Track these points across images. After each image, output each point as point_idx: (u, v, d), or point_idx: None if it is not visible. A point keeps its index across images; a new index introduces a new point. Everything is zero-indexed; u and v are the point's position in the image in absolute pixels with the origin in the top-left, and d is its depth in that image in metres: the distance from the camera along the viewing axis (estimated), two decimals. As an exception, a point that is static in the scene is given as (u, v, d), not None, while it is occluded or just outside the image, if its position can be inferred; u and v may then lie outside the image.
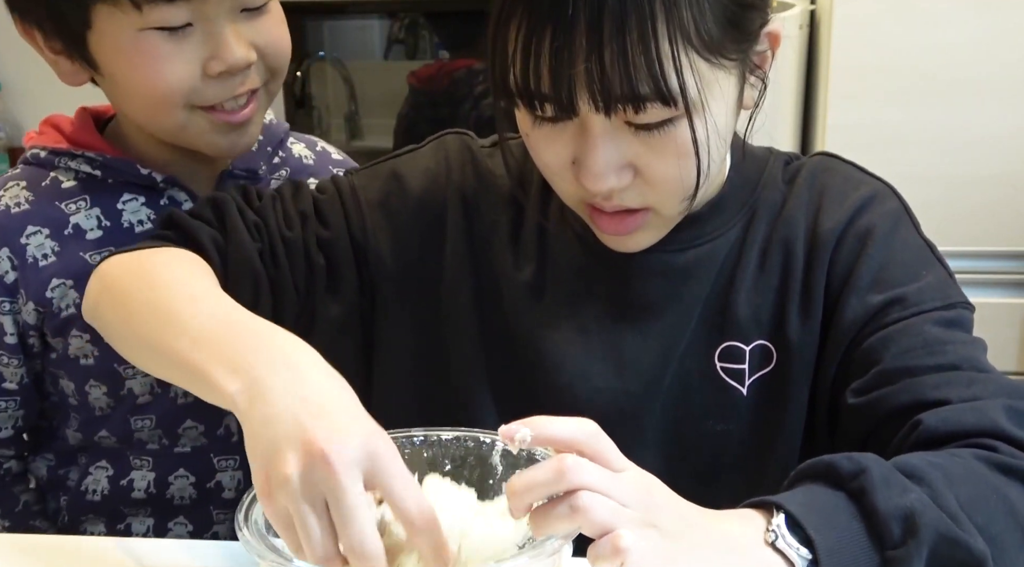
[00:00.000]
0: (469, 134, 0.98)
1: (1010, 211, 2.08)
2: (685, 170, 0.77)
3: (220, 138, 0.97)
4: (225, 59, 0.92)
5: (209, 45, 0.92)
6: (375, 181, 0.95)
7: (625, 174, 0.77)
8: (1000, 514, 0.68)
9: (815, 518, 0.64)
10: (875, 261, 0.84)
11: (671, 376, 0.87)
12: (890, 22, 2.02)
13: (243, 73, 0.94)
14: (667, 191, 0.79)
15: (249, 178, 1.06)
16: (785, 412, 0.86)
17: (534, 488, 0.59)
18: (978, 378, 0.77)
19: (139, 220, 1.01)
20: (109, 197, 1.01)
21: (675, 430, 0.88)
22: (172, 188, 1.02)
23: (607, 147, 0.76)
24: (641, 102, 0.72)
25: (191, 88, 0.93)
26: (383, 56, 2.56)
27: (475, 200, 0.93)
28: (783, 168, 0.92)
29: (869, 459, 0.67)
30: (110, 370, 1.00)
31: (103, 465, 1.04)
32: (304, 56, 2.51)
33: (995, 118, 2.03)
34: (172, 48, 0.91)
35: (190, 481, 1.05)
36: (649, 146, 0.76)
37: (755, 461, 0.87)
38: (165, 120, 0.95)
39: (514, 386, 0.90)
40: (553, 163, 0.80)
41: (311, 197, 0.93)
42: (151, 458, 1.04)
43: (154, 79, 0.92)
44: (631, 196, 0.79)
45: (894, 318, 0.81)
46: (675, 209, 0.82)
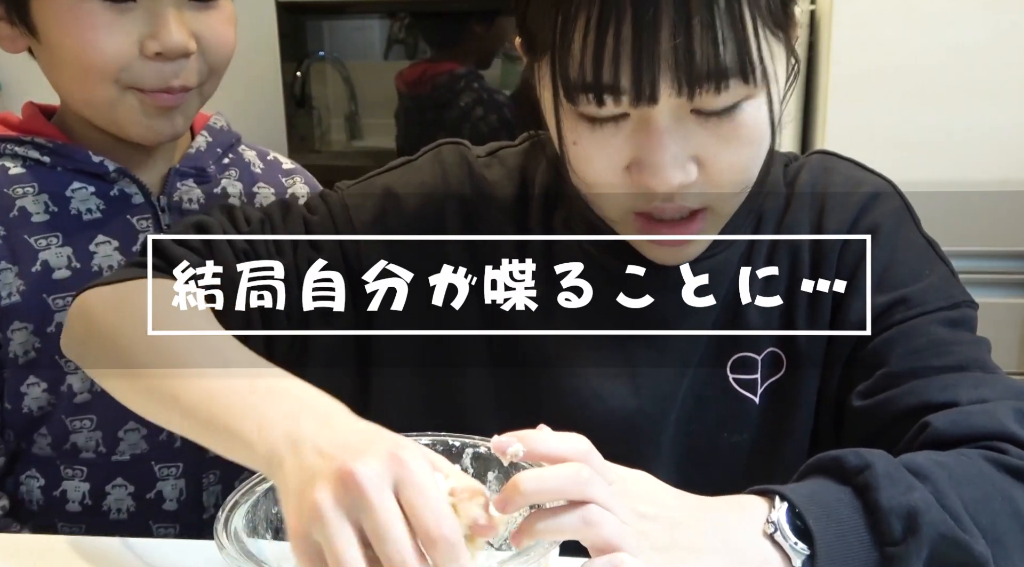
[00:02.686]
0: (464, 144, 0.94)
1: (1010, 211, 2.08)
2: (750, 158, 0.75)
3: (147, 121, 0.96)
4: (163, 40, 0.92)
5: (149, 24, 0.92)
6: (368, 200, 0.91)
7: (691, 169, 0.74)
8: (1005, 516, 0.68)
9: (817, 510, 0.64)
10: (879, 261, 0.84)
11: (685, 391, 0.86)
12: (890, 22, 2.02)
13: (179, 63, 0.94)
14: (730, 183, 0.76)
15: (198, 176, 1.05)
16: (795, 417, 0.86)
17: (545, 492, 0.58)
18: (985, 379, 0.77)
19: (87, 208, 0.99)
20: (57, 184, 0.99)
21: (689, 444, 0.87)
22: (123, 179, 1.01)
23: (674, 140, 0.72)
24: (725, 80, 0.70)
25: (125, 64, 0.92)
26: (383, 56, 2.55)
27: (475, 214, 0.90)
28: (783, 170, 0.91)
29: (876, 455, 0.67)
30: (51, 363, 0.97)
31: (33, 475, 1.00)
32: (304, 56, 2.51)
33: (995, 118, 2.03)
34: (111, 19, 0.91)
35: (128, 491, 1.00)
36: (717, 135, 0.73)
37: (766, 468, 0.87)
38: (96, 93, 0.94)
39: (524, 407, 0.88)
40: (606, 170, 0.75)
41: (302, 219, 0.90)
42: (85, 468, 0.99)
43: (89, 48, 0.91)
44: (695, 196, 0.76)
45: (899, 319, 0.81)
46: (733, 205, 0.79)
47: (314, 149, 2.54)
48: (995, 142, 2.04)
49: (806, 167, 0.90)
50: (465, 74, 2.45)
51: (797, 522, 0.64)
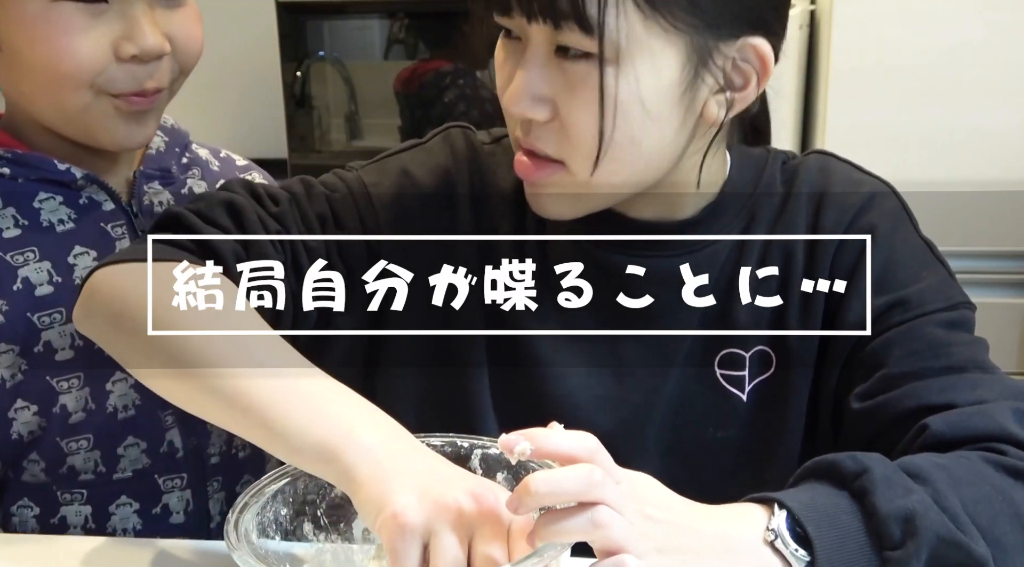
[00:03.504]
0: (470, 128, 0.96)
1: (1010, 211, 2.08)
2: (596, 120, 0.76)
3: (121, 126, 0.92)
4: (139, 43, 0.88)
5: (123, 26, 0.89)
6: (385, 177, 0.91)
7: (541, 107, 0.77)
8: (1005, 516, 0.68)
9: (816, 516, 0.64)
10: (876, 263, 0.83)
11: (671, 384, 0.87)
12: (890, 22, 2.02)
13: (153, 64, 0.91)
14: (579, 144, 0.77)
15: (163, 178, 1.02)
16: (784, 417, 0.86)
17: (559, 493, 0.59)
18: (983, 380, 0.77)
19: (59, 219, 0.94)
20: (22, 196, 0.93)
21: (675, 438, 0.87)
22: (90, 186, 0.96)
23: (532, 71, 0.76)
24: (557, 19, 0.73)
25: (100, 69, 0.88)
26: (383, 56, 2.55)
27: (481, 200, 0.92)
28: (780, 168, 0.90)
29: (873, 459, 0.68)
30: (42, 384, 0.92)
31: (26, 504, 0.94)
32: (304, 56, 2.51)
33: (995, 118, 2.03)
34: (84, 23, 0.87)
35: (134, 508, 0.97)
36: (570, 85, 0.76)
37: (755, 466, 0.87)
38: (68, 101, 0.89)
39: (516, 394, 0.89)
40: (502, 87, 0.80)
41: (324, 197, 0.89)
42: (85, 490, 0.94)
43: (62, 54, 0.87)
44: (546, 139, 0.79)
45: (897, 321, 0.81)
46: (584, 171, 0.79)
47: (314, 149, 2.54)
48: (995, 142, 2.04)
49: (803, 167, 0.90)
50: (452, 71, 2.45)
51: (797, 529, 0.64)
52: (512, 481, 0.73)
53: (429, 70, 2.48)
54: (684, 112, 0.78)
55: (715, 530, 0.65)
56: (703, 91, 0.78)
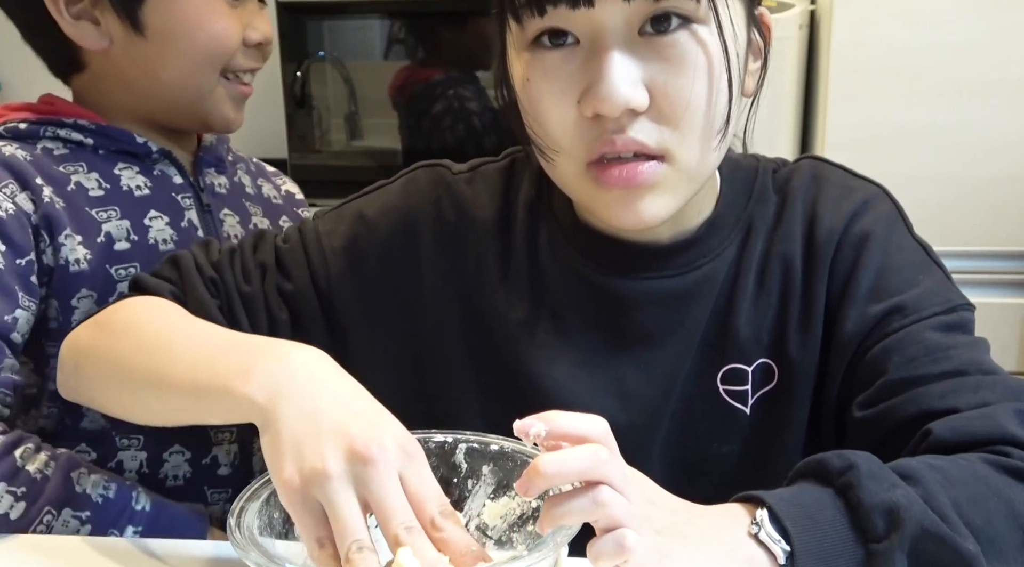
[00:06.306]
0: (443, 164, 0.94)
1: (1010, 211, 2.08)
2: (700, 91, 0.74)
3: (230, 110, 1.07)
4: (262, 30, 1.06)
5: (249, 16, 1.05)
6: (340, 225, 0.92)
7: (641, 91, 0.73)
8: (1001, 516, 0.68)
9: (795, 512, 0.65)
10: (872, 269, 0.83)
11: (674, 403, 0.86)
12: (890, 22, 2.02)
13: (264, 50, 1.07)
14: (687, 121, 0.75)
15: (218, 166, 1.13)
16: (786, 428, 0.86)
17: (567, 472, 0.60)
18: (985, 382, 0.77)
19: (136, 185, 1.03)
20: (103, 164, 1.03)
21: (680, 455, 0.87)
22: (163, 160, 1.06)
23: (623, 60, 0.73)
24: None
25: (235, 51, 1.03)
26: (383, 56, 2.55)
27: (456, 235, 0.90)
28: (772, 177, 0.90)
29: (859, 456, 0.68)
30: None
31: (84, 449, 1.01)
32: (304, 56, 2.51)
33: (995, 118, 2.03)
34: (230, 11, 1.03)
35: (185, 457, 1.03)
36: (663, 58, 0.73)
37: (758, 477, 0.86)
38: (202, 82, 1.03)
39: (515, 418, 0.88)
40: (558, 106, 0.75)
41: (273, 247, 0.92)
42: (141, 436, 1.01)
43: (214, 36, 1.01)
44: (647, 129, 0.75)
45: (895, 327, 0.81)
46: (689, 156, 0.76)
47: (314, 149, 2.54)
48: (995, 142, 2.04)
49: (796, 174, 0.89)
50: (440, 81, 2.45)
51: (777, 524, 0.65)
52: (497, 473, 0.75)
53: (420, 79, 2.47)
54: (741, 79, 0.78)
55: (707, 522, 0.66)
56: (749, 59, 0.79)
